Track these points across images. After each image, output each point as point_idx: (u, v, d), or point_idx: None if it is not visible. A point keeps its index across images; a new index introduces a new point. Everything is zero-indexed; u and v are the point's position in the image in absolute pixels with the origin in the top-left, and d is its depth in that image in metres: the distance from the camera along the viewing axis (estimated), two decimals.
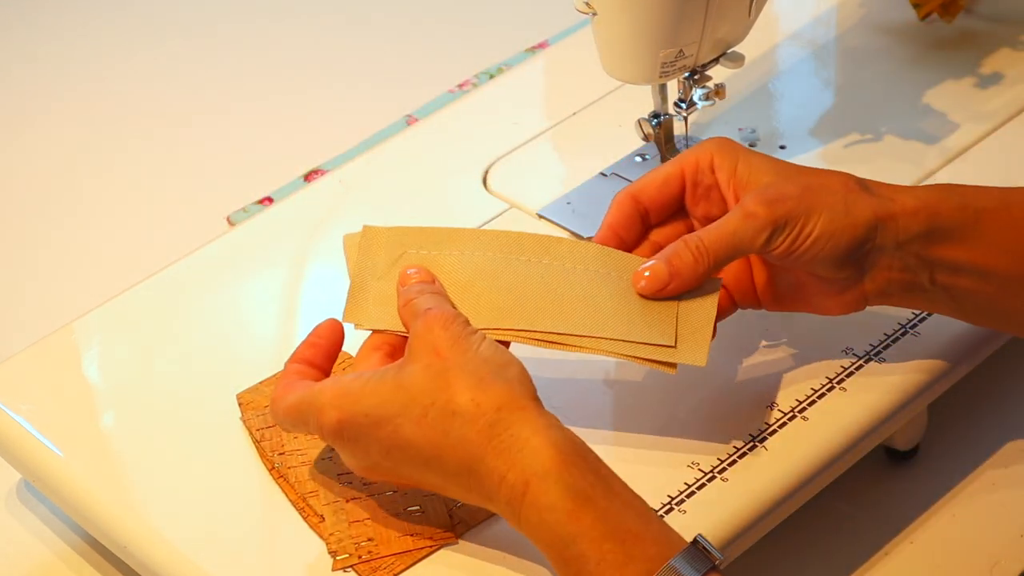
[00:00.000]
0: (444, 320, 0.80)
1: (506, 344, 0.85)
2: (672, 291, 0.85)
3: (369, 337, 0.85)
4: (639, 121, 1.05)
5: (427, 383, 0.78)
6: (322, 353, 0.85)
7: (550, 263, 0.87)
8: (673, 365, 0.85)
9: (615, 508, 0.76)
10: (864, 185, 0.87)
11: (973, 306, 0.88)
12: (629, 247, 0.90)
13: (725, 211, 0.88)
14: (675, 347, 0.85)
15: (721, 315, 0.89)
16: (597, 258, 0.88)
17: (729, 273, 0.90)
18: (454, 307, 0.84)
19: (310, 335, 0.86)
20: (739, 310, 0.92)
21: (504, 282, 0.86)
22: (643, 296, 0.86)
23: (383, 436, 0.79)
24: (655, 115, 1.05)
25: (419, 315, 0.81)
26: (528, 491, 0.76)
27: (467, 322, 0.81)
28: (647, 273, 0.85)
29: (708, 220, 0.88)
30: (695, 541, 0.76)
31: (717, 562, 0.76)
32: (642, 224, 0.90)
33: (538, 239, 0.88)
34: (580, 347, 0.85)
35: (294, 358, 0.85)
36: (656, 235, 0.91)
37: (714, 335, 0.86)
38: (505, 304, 0.85)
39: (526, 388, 0.79)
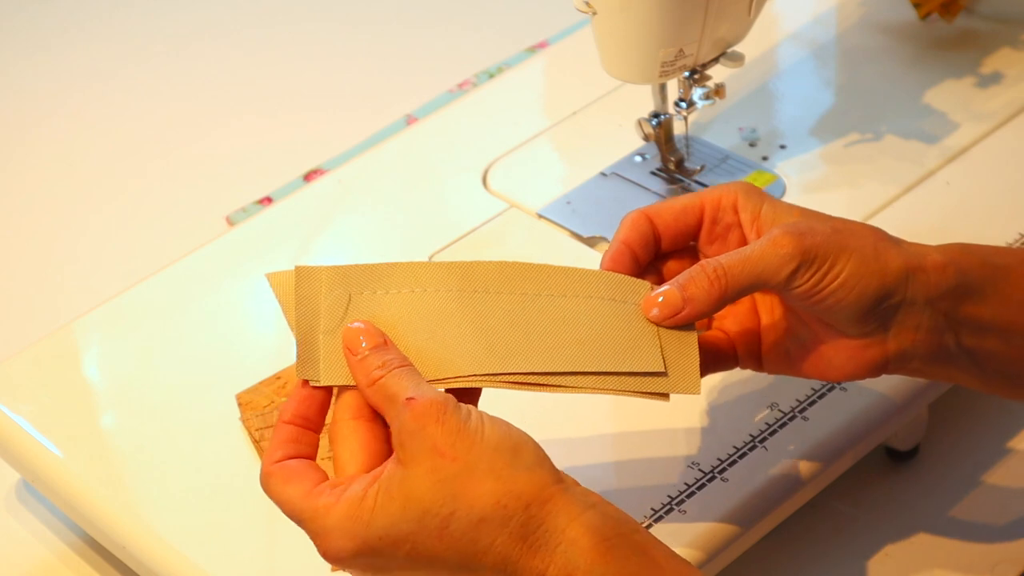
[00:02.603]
0: (436, 412, 0.71)
1: (478, 391, 0.78)
2: (684, 319, 0.79)
3: (341, 400, 0.76)
4: (639, 121, 1.05)
5: (439, 491, 0.71)
6: (315, 406, 0.78)
7: (511, 293, 0.79)
8: (665, 394, 0.78)
9: None
10: (892, 238, 0.82)
11: (995, 370, 0.83)
12: (643, 267, 0.83)
13: None
14: (666, 374, 0.78)
15: (720, 366, 0.84)
16: (559, 281, 0.80)
17: (736, 322, 0.84)
18: (429, 346, 0.77)
19: (298, 389, 0.78)
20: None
21: (465, 322, 0.78)
22: (656, 324, 0.79)
23: (403, 555, 0.73)
24: (655, 115, 1.05)
25: (401, 406, 0.72)
26: None
27: (457, 404, 0.72)
28: (660, 299, 0.79)
29: None
30: None
31: None
32: (655, 247, 0.83)
33: (498, 267, 0.80)
34: (560, 386, 0.77)
35: (285, 417, 0.77)
36: (663, 266, 0.84)
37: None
38: (470, 347, 0.77)
39: (547, 470, 0.72)
